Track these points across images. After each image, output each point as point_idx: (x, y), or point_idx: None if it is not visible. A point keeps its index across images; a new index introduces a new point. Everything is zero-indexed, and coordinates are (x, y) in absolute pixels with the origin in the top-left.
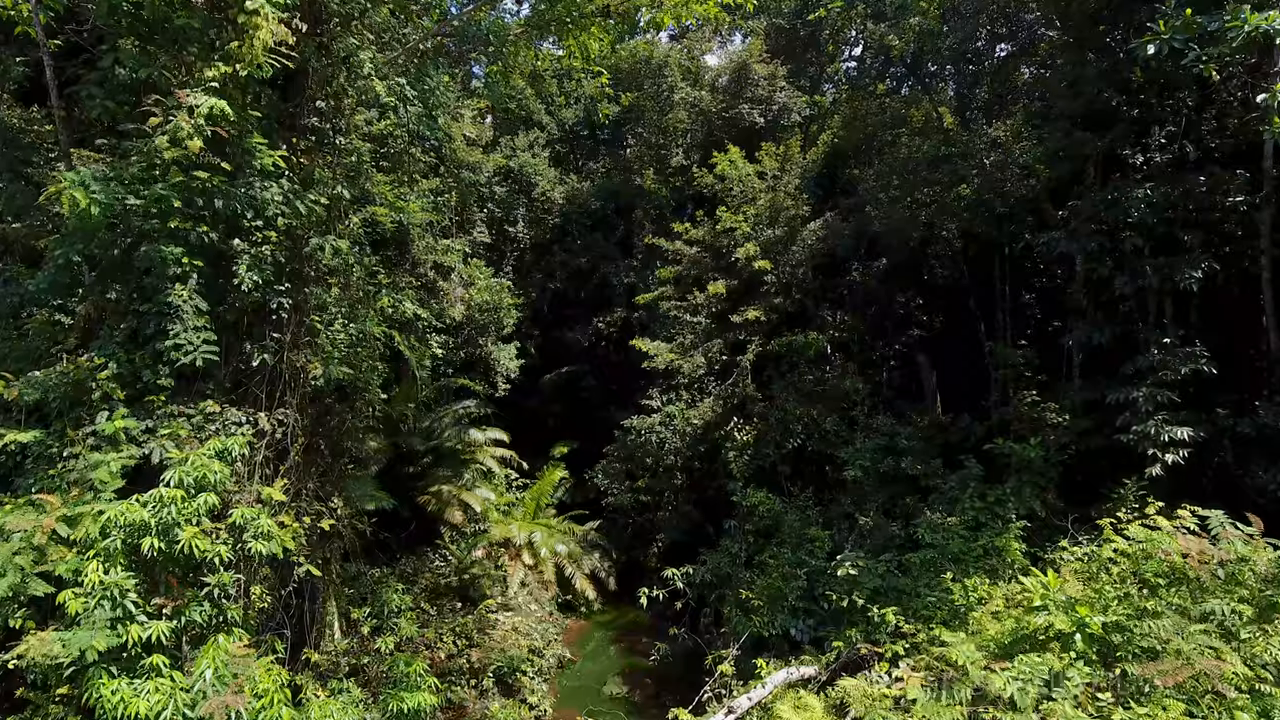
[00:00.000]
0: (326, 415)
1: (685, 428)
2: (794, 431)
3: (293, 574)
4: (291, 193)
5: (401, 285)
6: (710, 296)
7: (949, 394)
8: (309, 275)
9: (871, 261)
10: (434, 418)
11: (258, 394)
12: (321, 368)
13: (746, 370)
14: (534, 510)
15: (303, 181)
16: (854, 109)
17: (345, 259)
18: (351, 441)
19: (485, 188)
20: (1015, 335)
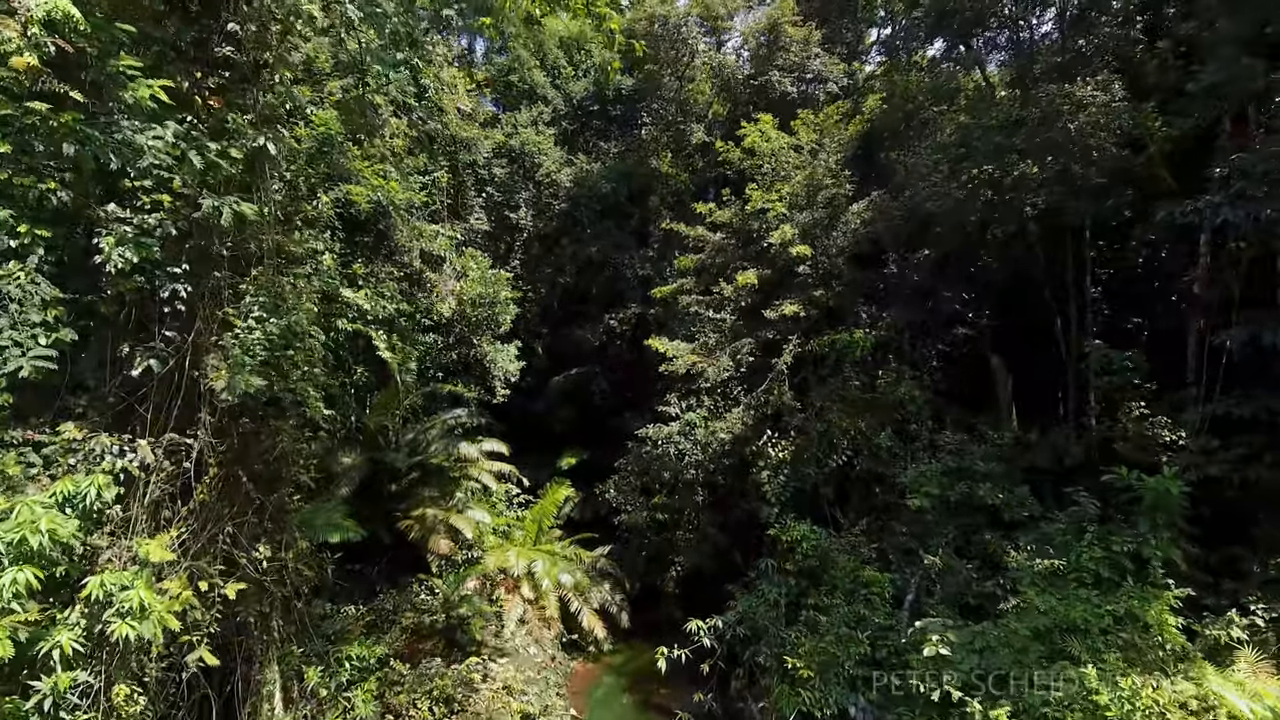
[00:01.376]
0: (256, 436)
1: (708, 439)
2: (838, 447)
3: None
4: (186, 140)
5: (381, 276)
6: (739, 288)
7: (1018, 403)
8: (220, 256)
9: (911, 252)
10: (419, 429)
11: (153, 412)
12: (226, 377)
13: (783, 374)
14: (535, 534)
15: (212, 131)
16: (894, 82)
17: (257, 230)
18: (294, 468)
19: (483, 169)
20: (1097, 333)
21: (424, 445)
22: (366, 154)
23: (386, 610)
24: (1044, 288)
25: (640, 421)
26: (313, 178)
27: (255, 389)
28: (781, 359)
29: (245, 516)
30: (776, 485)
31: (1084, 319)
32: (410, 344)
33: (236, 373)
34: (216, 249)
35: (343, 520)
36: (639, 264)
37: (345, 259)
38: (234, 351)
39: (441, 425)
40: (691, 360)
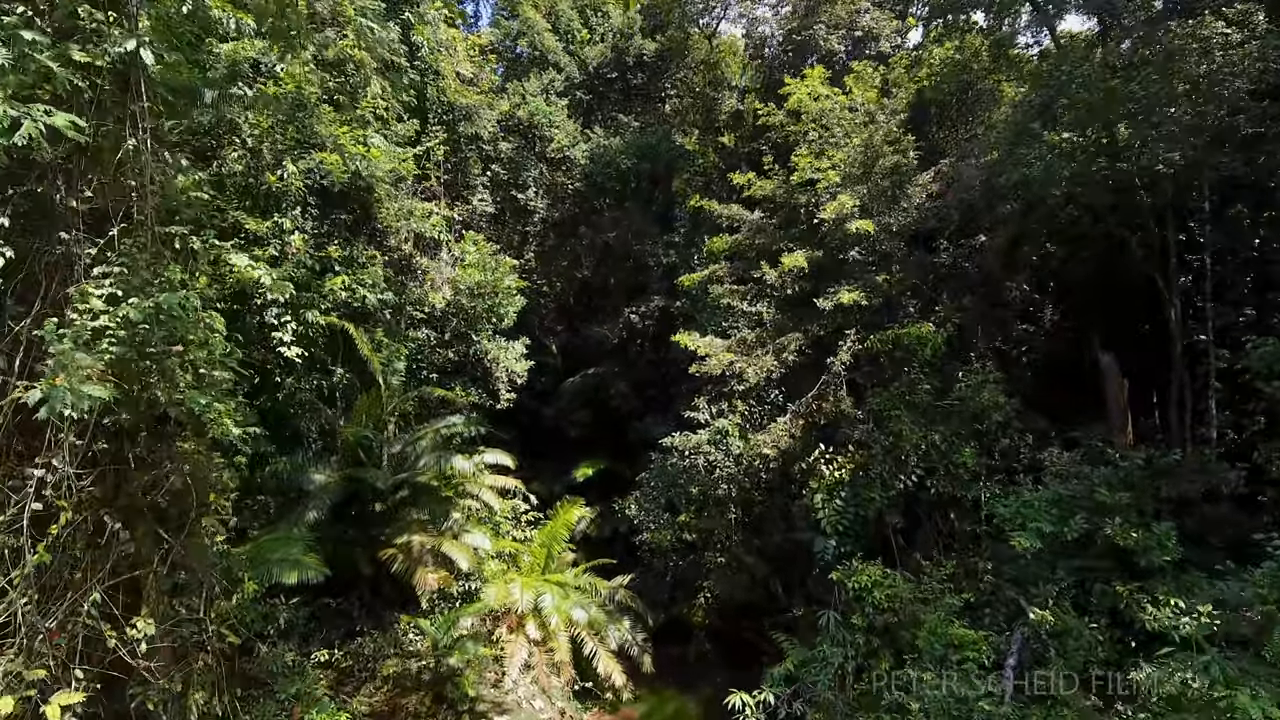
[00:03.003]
0: (144, 465)
1: (746, 450)
2: (907, 465)
3: None
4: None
5: (363, 261)
6: (785, 273)
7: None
8: (68, 209)
9: (985, 233)
10: (408, 440)
11: None
12: (45, 387)
13: (840, 377)
14: (544, 560)
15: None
16: (946, 51)
17: (128, 169)
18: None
19: (488, 144)
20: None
21: (412, 459)
22: (347, 119)
23: (365, 656)
24: (1147, 272)
25: (664, 428)
26: (280, 143)
27: (92, 403)
28: (838, 358)
29: (131, 572)
30: (832, 511)
31: (1203, 310)
32: (399, 340)
33: (63, 376)
34: (60, 198)
35: (304, 555)
36: (663, 251)
37: (319, 240)
38: (60, 347)
39: (433, 435)
40: (727, 359)
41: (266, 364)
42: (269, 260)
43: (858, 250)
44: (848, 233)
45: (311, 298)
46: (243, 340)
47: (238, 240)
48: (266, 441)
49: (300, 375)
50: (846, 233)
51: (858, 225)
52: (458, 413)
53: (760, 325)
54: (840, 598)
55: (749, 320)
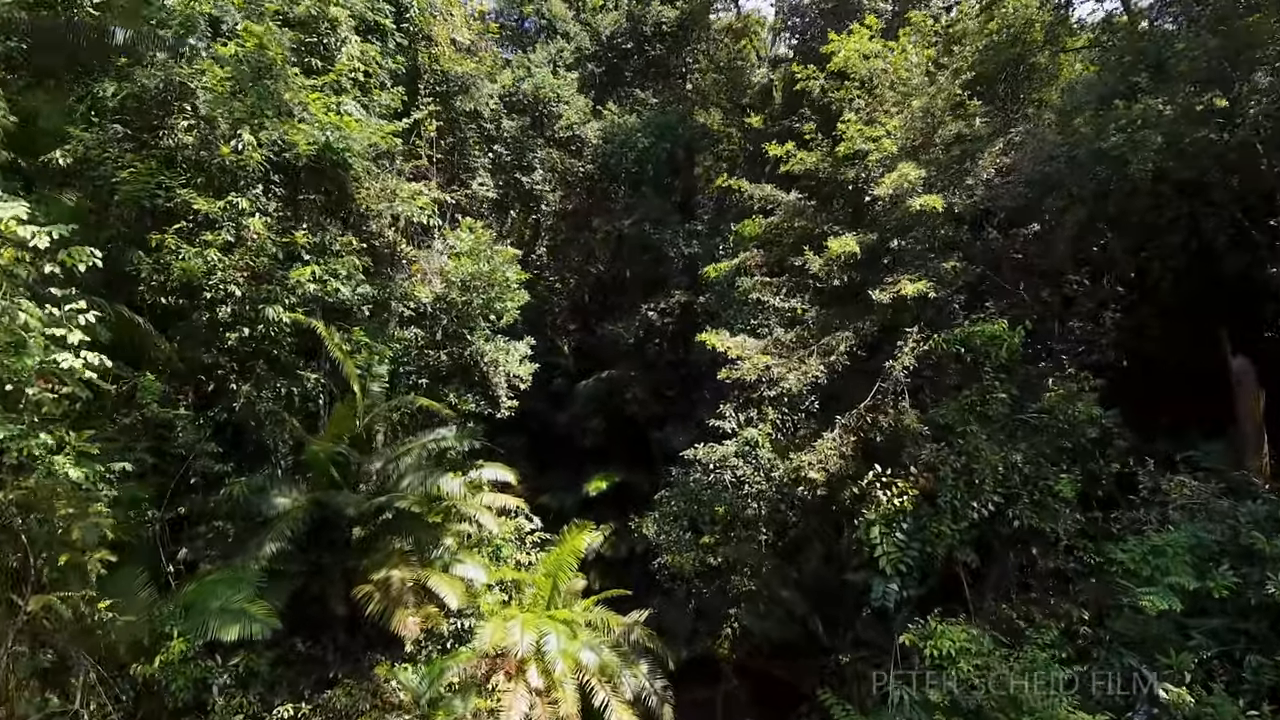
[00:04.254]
0: None
1: (785, 471)
2: (983, 491)
3: None
4: None
5: (336, 249)
6: (831, 260)
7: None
8: None
9: (1024, 222)
10: (390, 455)
11: None
12: None
13: (900, 384)
14: (549, 592)
15: None
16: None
17: None
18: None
19: (488, 122)
20: None
21: (394, 479)
22: (318, 84)
23: (337, 710)
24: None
25: (685, 437)
26: (239, 111)
27: None
28: (898, 361)
29: None
30: (892, 546)
31: None
32: (382, 341)
33: None
34: None
35: (248, 604)
36: (684, 241)
37: (285, 224)
38: None
39: (420, 451)
40: (763, 363)
41: (219, 368)
42: (222, 247)
43: (917, 233)
44: (908, 211)
45: (274, 291)
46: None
47: (185, 224)
48: (221, 459)
49: (262, 381)
50: (906, 211)
51: (922, 202)
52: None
53: (797, 323)
54: (898, 653)
55: (781, 317)
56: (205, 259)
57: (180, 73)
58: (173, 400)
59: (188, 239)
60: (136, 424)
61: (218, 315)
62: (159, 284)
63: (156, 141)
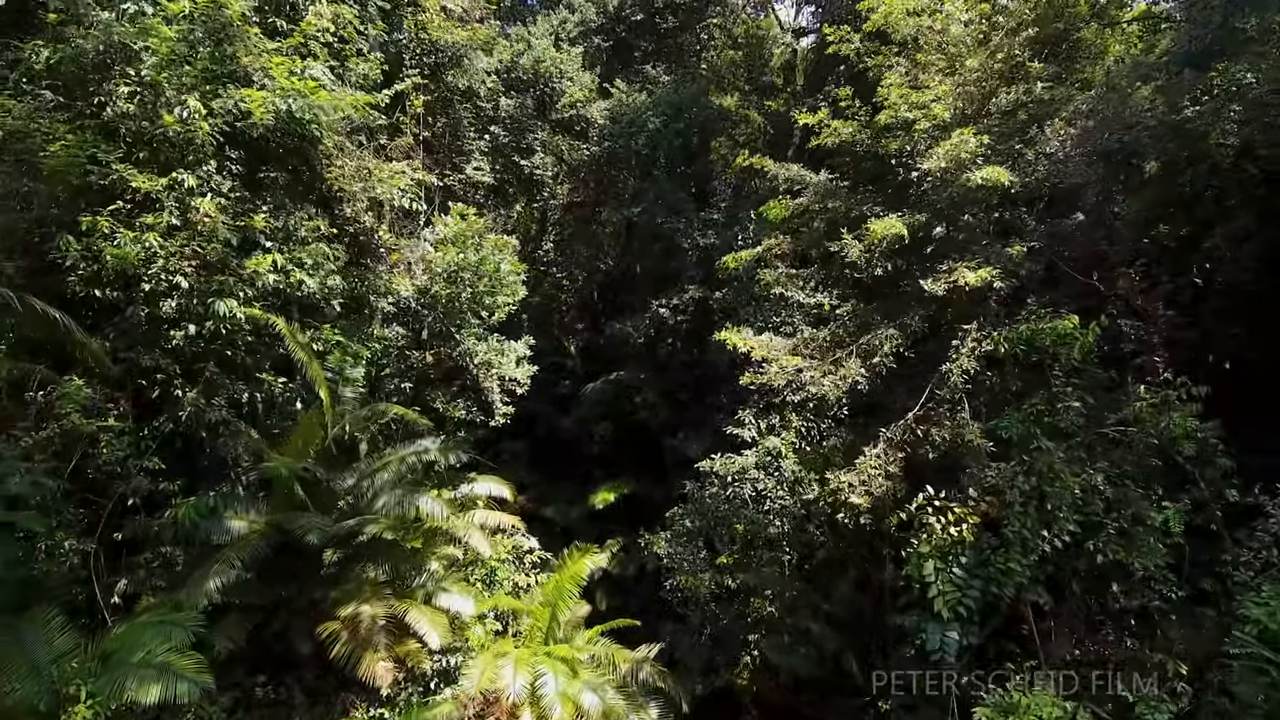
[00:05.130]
0: None
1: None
2: (1058, 518)
3: None
4: None
5: (303, 234)
6: (872, 246)
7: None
8: None
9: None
10: (363, 472)
11: None
12: None
13: (958, 390)
14: (548, 623)
15: None
16: None
17: None
18: None
19: (485, 101)
20: None
21: (368, 495)
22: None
23: None
24: None
25: (700, 445)
26: (186, 77)
27: None
28: (955, 363)
29: None
30: (948, 585)
31: None
32: (359, 340)
33: None
34: None
35: (176, 659)
36: (699, 230)
37: (242, 205)
38: None
39: (398, 465)
40: (792, 365)
41: (159, 372)
42: (165, 231)
43: (971, 213)
44: (964, 187)
45: (226, 283)
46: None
47: (122, 205)
48: (167, 476)
49: (214, 386)
50: (963, 187)
51: (984, 175)
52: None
53: (824, 320)
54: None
55: (807, 314)
56: (143, 245)
57: (123, 32)
58: (103, 409)
59: (126, 222)
60: (53, 437)
61: (160, 310)
62: (91, 274)
63: (95, 111)
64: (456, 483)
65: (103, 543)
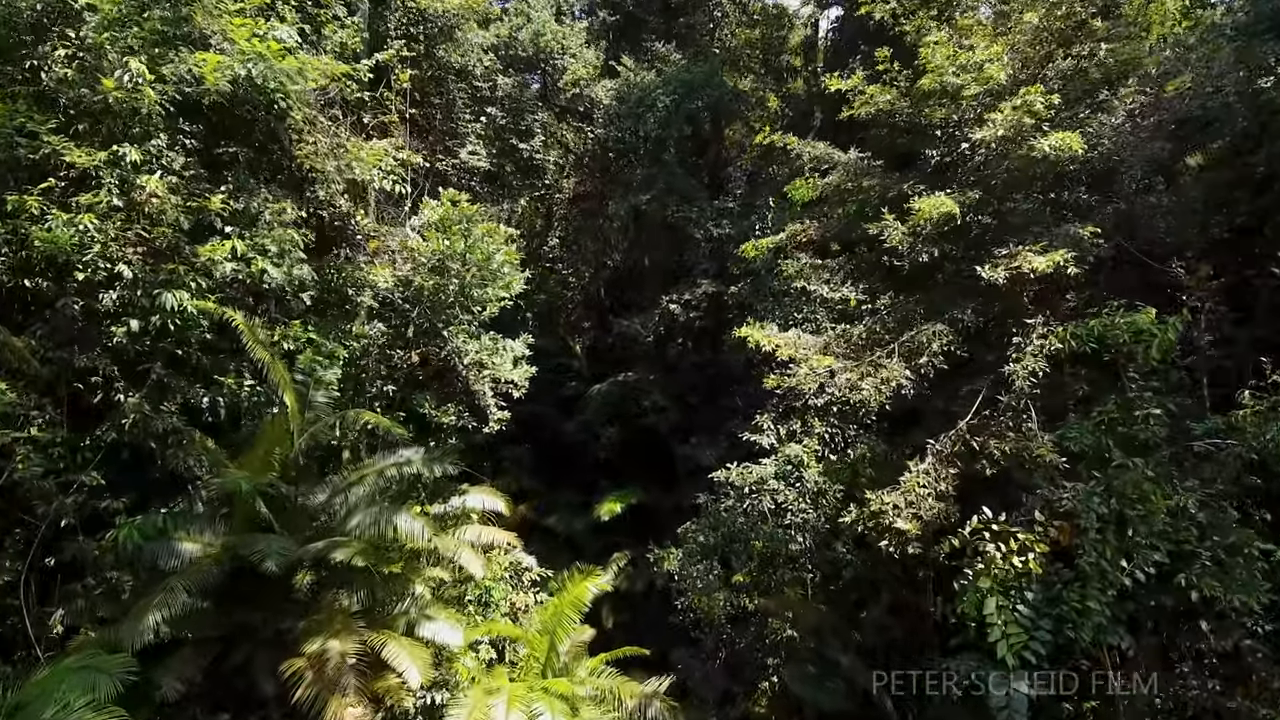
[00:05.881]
0: None
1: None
2: (1141, 547)
3: None
4: None
5: (266, 218)
6: (916, 229)
7: None
8: None
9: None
10: (336, 486)
11: None
12: None
13: (1023, 395)
14: (546, 653)
15: None
16: None
17: None
18: None
19: (481, 81)
20: None
21: (340, 516)
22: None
23: None
24: None
25: (713, 451)
26: (133, 39)
27: None
28: (1019, 363)
29: None
30: (1012, 625)
31: None
32: (335, 338)
33: None
34: None
35: (91, 715)
36: (712, 220)
37: (197, 185)
38: None
39: (375, 479)
40: (824, 366)
41: (95, 373)
42: (104, 212)
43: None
44: (1028, 157)
45: (176, 272)
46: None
47: (55, 183)
48: (112, 492)
49: (166, 390)
50: (1027, 157)
51: (1054, 143)
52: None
53: (848, 317)
54: None
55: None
56: (78, 228)
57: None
58: (27, 416)
59: (59, 202)
60: None
61: (98, 303)
62: (17, 262)
63: (30, 78)
64: (447, 495)
65: (35, 568)
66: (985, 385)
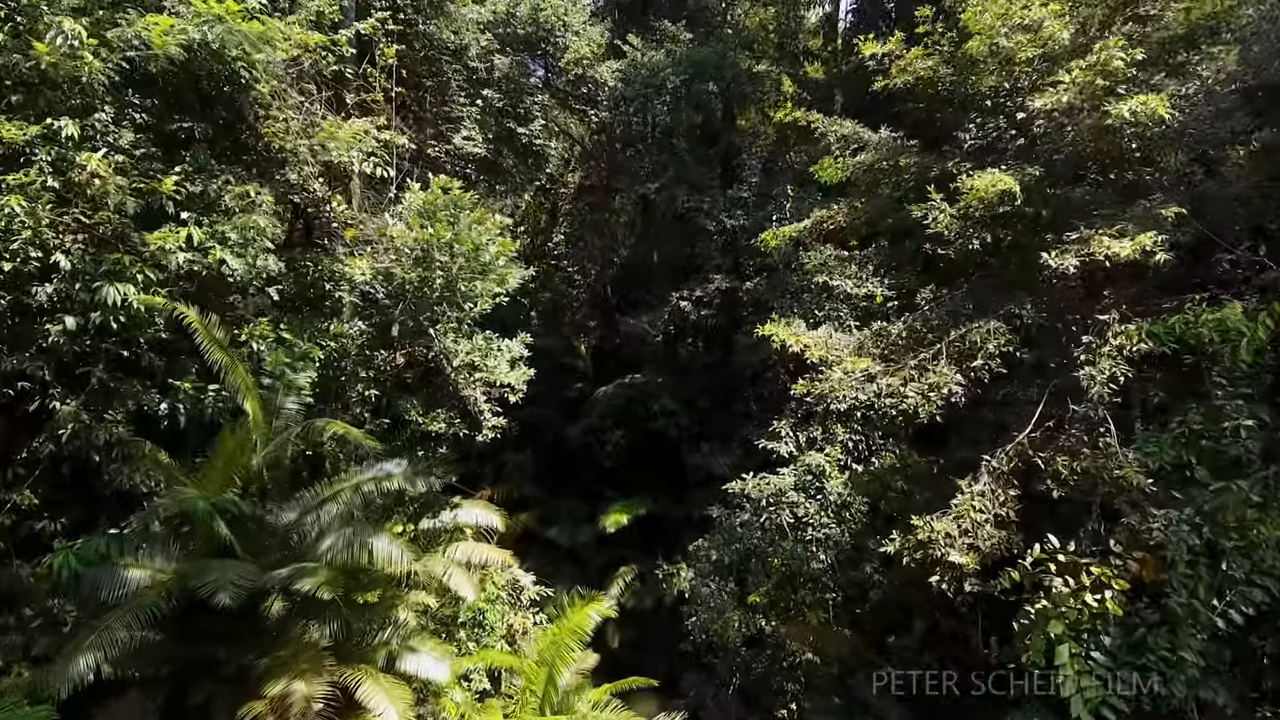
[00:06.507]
0: None
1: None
2: (1235, 582)
3: None
4: None
5: (227, 203)
6: (967, 211)
7: None
8: None
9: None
10: (306, 504)
11: None
12: None
13: (1100, 404)
14: (544, 686)
15: None
16: None
17: None
18: None
19: (477, 61)
20: None
21: (311, 538)
22: None
23: None
24: None
25: (726, 458)
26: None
27: None
28: (1096, 367)
29: None
30: (1084, 675)
31: None
32: (310, 337)
33: None
34: None
35: None
36: (725, 211)
37: (151, 166)
38: None
39: (351, 495)
40: (860, 369)
41: (28, 378)
42: (35, 194)
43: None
44: (1099, 127)
45: (120, 263)
46: None
47: None
48: (52, 512)
49: (110, 396)
50: (1097, 127)
51: (1135, 107)
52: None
53: (873, 315)
54: None
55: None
56: (3, 211)
57: None
58: None
59: None
60: None
61: (30, 298)
62: None
63: None
64: (437, 509)
65: None
66: (1043, 392)
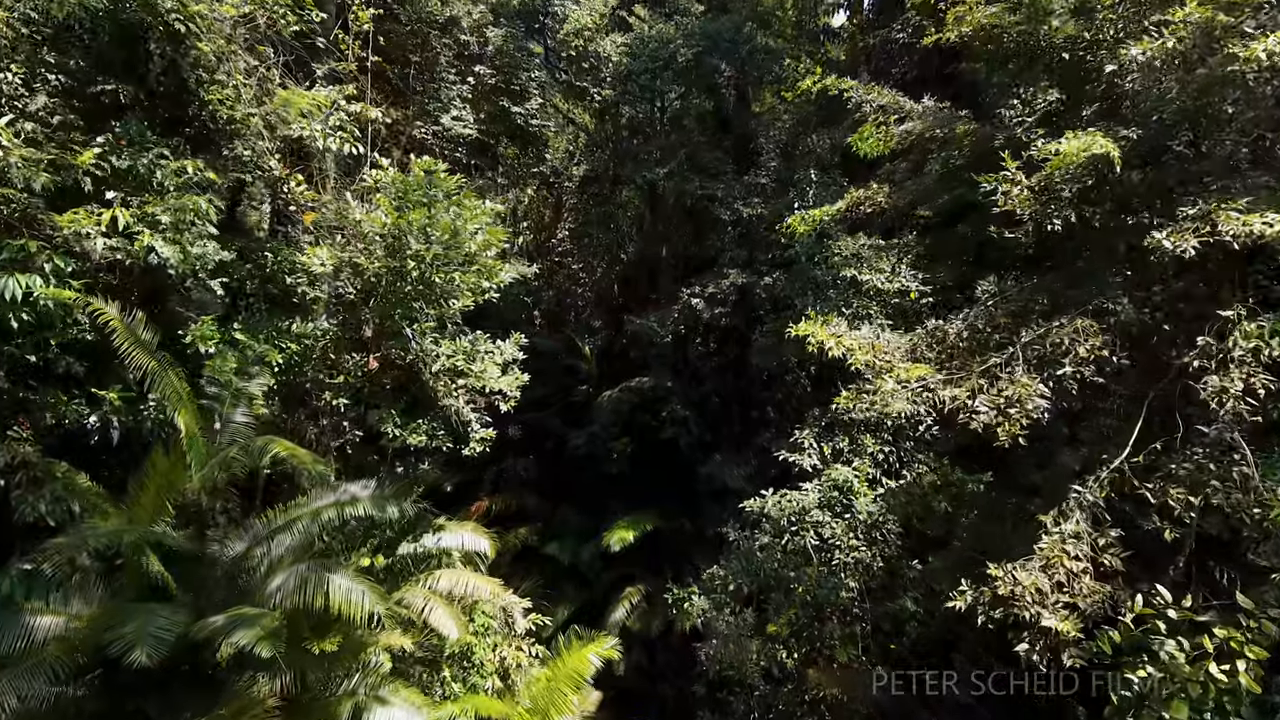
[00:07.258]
0: None
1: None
2: None
3: None
4: None
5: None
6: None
7: None
8: None
9: None
10: (257, 534)
11: None
12: None
13: (1235, 424)
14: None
15: None
16: None
17: None
18: None
19: (470, 34)
20: None
21: (261, 574)
22: None
23: None
24: None
25: (741, 469)
26: None
27: None
28: (1226, 379)
29: None
30: None
31: None
32: (266, 339)
33: None
34: None
35: None
36: (740, 199)
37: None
38: None
39: (308, 523)
40: (915, 377)
41: None
42: None
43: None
44: (1221, 76)
45: (24, 249)
46: None
47: None
48: None
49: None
50: (1212, 76)
51: (1270, 48)
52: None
53: (905, 312)
54: None
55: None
56: None
57: None
58: None
59: None
60: None
61: None
62: None
63: None
64: (419, 532)
65: None
66: (1144, 404)
